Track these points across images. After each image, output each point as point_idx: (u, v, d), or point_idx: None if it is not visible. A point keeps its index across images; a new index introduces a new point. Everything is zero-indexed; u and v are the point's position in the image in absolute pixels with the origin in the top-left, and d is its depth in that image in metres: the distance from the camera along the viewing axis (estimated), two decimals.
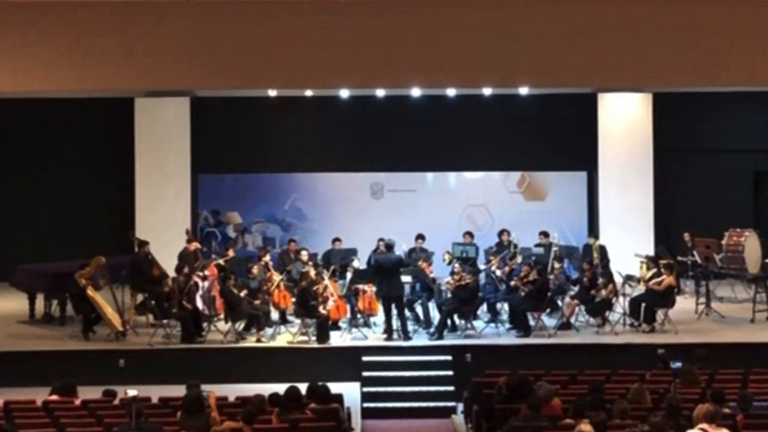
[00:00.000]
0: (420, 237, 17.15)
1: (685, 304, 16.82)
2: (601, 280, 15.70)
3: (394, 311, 15.04)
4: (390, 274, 15.03)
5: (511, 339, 15.22)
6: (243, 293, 15.27)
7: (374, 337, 15.35)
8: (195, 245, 16.47)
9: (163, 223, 18.77)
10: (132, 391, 9.88)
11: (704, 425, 9.11)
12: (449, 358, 14.59)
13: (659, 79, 14.71)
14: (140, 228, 18.61)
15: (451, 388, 14.12)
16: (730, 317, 16.37)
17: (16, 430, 9.59)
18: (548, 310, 15.82)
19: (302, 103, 19.41)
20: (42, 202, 20.29)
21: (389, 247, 15.47)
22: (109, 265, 15.69)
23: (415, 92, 17.80)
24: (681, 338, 14.92)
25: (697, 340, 14.48)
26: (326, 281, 15.44)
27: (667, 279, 15.48)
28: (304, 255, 16.55)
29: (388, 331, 15.06)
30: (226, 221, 20.60)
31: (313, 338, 14.96)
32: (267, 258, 16.43)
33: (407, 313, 15.57)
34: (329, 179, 20.57)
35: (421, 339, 15.20)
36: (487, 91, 17.98)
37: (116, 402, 11.13)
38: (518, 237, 17.66)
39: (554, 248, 17.03)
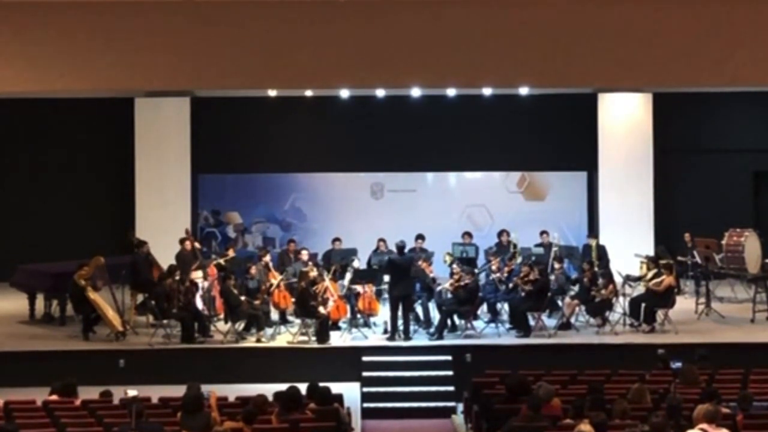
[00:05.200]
0: (420, 237, 17.16)
1: (685, 304, 16.80)
2: (601, 280, 15.70)
3: (400, 311, 15.06)
4: (404, 275, 15.09)
5: (511, 339, 15.22)
6: (243, 298, 15.26)
7: (374, 337, 15.35)
8: (189, 244, 16.44)
9: (163, 224, 18.71)
10: (132, 391, 9.88)
11: (704, 425, 9.10)
12: (449, 358, 14.59)
13: (659, 79, 14.72)
14: (140, 228, 18.61)
15: (451, 388, 14.12)
16: (730, 317, 16.36)
17: (17, 429, 9.57)
18: (548, 310, 15.82)
19: (302, 103, 19.42)
20: (42, 202, 20.27)
21: (401, 249, 15.52)
22: (109, 266, 15.68)
23: (415, 92, 17.80)
24: (681, 338, 14.91)
25: (697, 340, 14.49)
26: (327, 282, 15.43)
27: (667, 279, 15.47)
28: (305, 255, 16.55)
29: (393, 330, 15.06)
30: (226, 221, 20.60)
31: (313, 338, 14.96)
32: (267, 258, 16.44)
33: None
34: (329, 179, 20.57)
35: (421, 339, 15.20)
36: (487, 91, 17.98)
37: (116, 402, 11.13)
38: (518, 237, 17.68)
39: (554, 248, 17.04)
